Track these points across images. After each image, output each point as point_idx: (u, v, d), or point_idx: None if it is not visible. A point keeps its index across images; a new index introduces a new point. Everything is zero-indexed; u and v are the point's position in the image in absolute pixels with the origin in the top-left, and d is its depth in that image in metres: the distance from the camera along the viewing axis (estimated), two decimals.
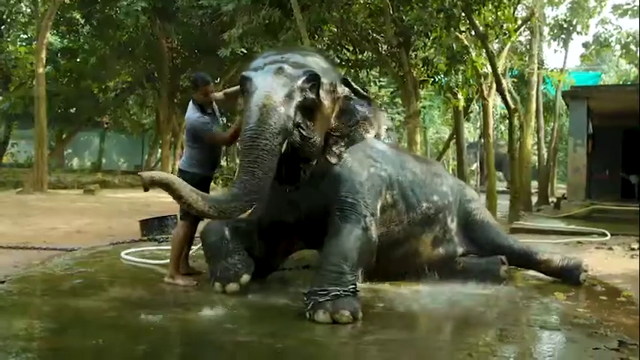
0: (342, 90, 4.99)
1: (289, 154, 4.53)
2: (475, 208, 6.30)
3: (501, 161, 21.66)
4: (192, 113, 5.63)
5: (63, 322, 4.18)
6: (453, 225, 6.05)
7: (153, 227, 8.41)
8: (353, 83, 5.17)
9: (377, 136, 5.41)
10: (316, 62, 4.83)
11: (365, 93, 5.19)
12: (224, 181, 24.22)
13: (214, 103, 5.84)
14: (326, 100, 4.73)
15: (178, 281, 5.42)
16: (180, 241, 5.60)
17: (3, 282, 5.21)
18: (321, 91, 4.64)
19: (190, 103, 5.73)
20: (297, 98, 4.47)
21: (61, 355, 3.56)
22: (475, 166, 23.12)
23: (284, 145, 4.41)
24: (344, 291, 4.38)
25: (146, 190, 4.03)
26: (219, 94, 5.88)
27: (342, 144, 4.95)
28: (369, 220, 4.92)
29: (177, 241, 5.60)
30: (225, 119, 12.95)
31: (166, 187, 4.02)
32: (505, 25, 12.22)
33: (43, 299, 4.92)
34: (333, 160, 4.90)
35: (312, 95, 4.56)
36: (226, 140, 5.80)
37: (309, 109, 4.57)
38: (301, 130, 4.52)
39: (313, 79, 4.57)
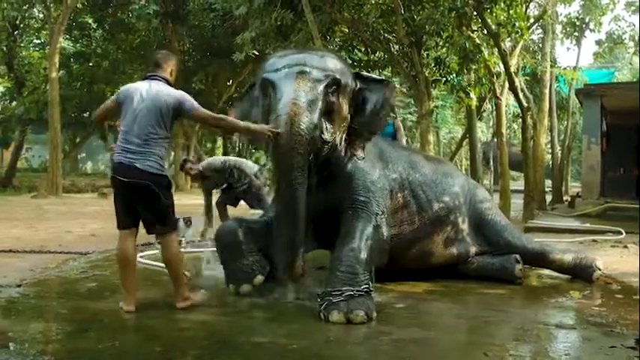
0: (354, 84, 5.04)
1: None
2: (487, 208, 6.29)
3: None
4: (170, 88, 4.66)
5: (79, 325, 4.20)
6: (464, 225, 6.05)
7: None
8: (365, 73, 5.25)
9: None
10: (334, 64, 4.88)
11: (379, 77, 5.33)
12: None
13: None
14: (343, 104, 4.83)
15: (196, 298, 4.79)
16: (182, 256, 4.94)
17: (19, 285, 5.25)
18: (340, 95, 4.74)
19: (162, 83, 4.65)
20: (321, 104, 4.54)
21: (78, 357, 3.57)
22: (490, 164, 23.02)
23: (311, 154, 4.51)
24: (358, 291, 4.38)
25: None
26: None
27: (365, 136, 5.09)
28: (379, 219, 4.95)
29: (182, 256, 4.96)
30: None
31: None
32: (517, 24, 12.17)
33: (59, 302, 4.97)
34: (360, 153, 5.03)
35: (333, 99, 4.65)
36: (241, 129, 4.80)
37: (328, 113, 4.65)
38: (322, 135, 4.59)
39: (335, 84, 4.67)
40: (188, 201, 12.62)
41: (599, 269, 6.04)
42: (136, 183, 4.44)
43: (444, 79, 14.17)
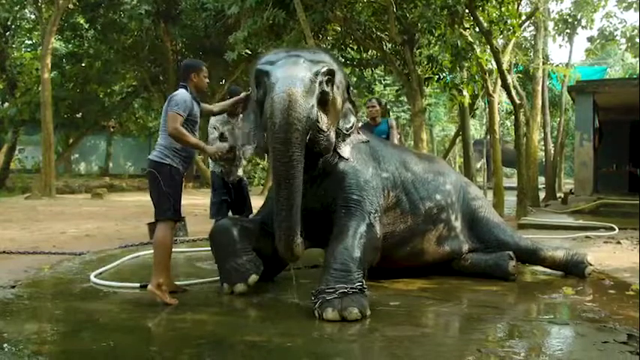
0: (346, 92, 5.12)
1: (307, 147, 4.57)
2: (479, 206, 6.30)
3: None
4: (181, 90, 5.05)
5: (74, 325, 4.20)
6: (457, 223, 6.06)
7: None
8: (351, 90, 5.36)
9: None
10: (328, 58, 4.99)
11: (355, 103, 5.48)
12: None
13: None
14: (337, 97, 4.88)
15: (165, 299, 4.73)
16: (170, 244, 5.03)
17: (14, 287, 5.25)
18: (334, 87, 4.78)
19: (182, 90, 5.06)
20: (317, 90, 4.57)
21: (73, 357, 3.57)
22: (481, 163, 23.05)
23: (308, 135, 4.49)
24: (352, 288, 4.38)
25: None
26: (215, 108, 5.71)
27: (348, 142, 5.14)
28: (373, 217, 4.96)
29: (167, 245, 5.00)
30: None
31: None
32: (509, 21, 12.20)
33: (53, 303, 4.96)
34: (346, 155, 5.09)
35: (327, 89, 4.69)
36: (189, 144, 4.94)
37: (323, 103, 4.68)
38: (318, 123, 4.59)
39: (329, 73, 4.72)
40: (184, 201, 12.59)
41: (591, 265, 6.07)
42: (147, 172, 5.11)
43: (437, 76, 14.18)
